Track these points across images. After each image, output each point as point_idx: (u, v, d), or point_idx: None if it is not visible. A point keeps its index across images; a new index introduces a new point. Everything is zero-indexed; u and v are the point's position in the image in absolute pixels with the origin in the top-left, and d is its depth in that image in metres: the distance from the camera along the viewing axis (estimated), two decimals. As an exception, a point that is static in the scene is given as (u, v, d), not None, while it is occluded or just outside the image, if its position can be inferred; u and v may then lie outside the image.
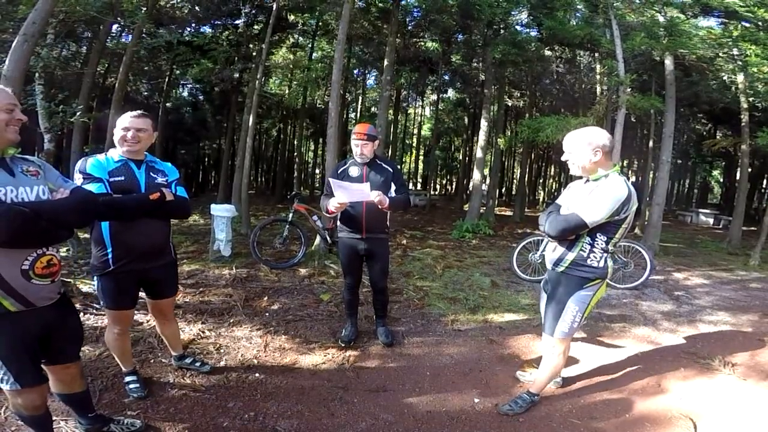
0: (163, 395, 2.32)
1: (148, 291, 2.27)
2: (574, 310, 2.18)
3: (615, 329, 3.76)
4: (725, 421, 2.33)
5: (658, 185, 8.43)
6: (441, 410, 2.37)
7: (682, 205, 21.86)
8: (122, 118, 2.08)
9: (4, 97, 1.44)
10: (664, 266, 6.61)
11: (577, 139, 2.09)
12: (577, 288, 2.16)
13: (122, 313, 2.16)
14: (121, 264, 2.03)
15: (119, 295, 2.10)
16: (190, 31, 11.28)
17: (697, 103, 13.15)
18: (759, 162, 14.61)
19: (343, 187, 2.68)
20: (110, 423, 1.96)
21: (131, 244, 2.04)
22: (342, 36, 5.83)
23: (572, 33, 7.91)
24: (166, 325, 2.47)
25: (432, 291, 4.53)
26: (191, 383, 2.46)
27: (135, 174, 2.06)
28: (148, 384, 2.38)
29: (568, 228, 2.05)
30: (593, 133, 2.08)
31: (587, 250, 2.12)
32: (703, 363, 3.06)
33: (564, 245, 2.16)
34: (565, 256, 2.16)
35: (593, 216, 1.99)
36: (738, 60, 8.48)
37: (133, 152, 2.07)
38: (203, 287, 4.15)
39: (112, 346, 2.26)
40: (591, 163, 2.07)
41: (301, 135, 17.15)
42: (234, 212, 5.49)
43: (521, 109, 16.21)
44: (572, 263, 2.14)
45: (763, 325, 4.03)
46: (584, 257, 2.12)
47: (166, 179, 2.17)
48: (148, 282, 2.21)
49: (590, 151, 2.05)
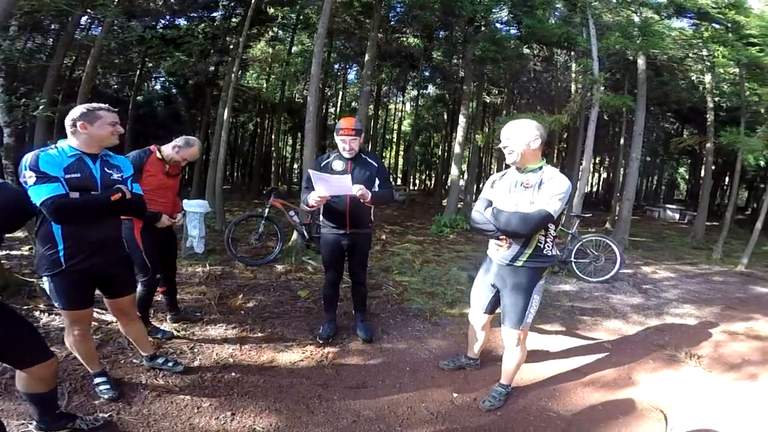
0: (136, 396, 2.25)
1: (104, 290, 2.16)
2: (536, 300, 2.25)
3: (587, 322, 3.88)
4: (693, 412, 2.43)
5: (628, 181, 8.74)
6: (421, 406, 2.39)
7: (651, 200, 22.70)
8: (103, 113, 1.95)
9: None
10: (634, 260, 6.86)
11: (517, 127, 2.11)
12: (538, 279, 2.22)
13: (80, 314, 2.05)
14: (73, 262, 1.92)
15: (74, 295, 1.98)
16: (165, 24, 10.86)
17: (666, 102, 13.69)
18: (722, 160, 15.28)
19: (324, 180, 2.63)
20: (75, 419, 1.92)
21: (83, 239, 1.92)
22: (322, 30, 5.74)
23: (550, 31, 8.06)
24: (130, 326, 2.36)
25: (411, 286, 4.56)
26: (165, 384, 2.39)
27: (91, 169, 1.94)
28: (119, 385, 2.30)
29: (540, 224, 2.05)
30: (532, 122, 2.14)
31: (543, 241, 2.17)
32: (670, 355, 3.19)
33: (521, 241, 2.16)
34: (523, 250, 2.17)
35: (556, 207, 2.03)
36: (706, 61, 8.84)
37: (96, 146, 1.97)
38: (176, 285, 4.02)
39: (75, 349, 2.16)
40: (531, 150, 2.10)
41: (278, 129, 16.87)
42: (207, 208, 5.35)
43: (499, 106, 16.44)
44: (531, 256, 2.17)
45: (725, 317, 4.24)
46: (541, 249, 2.17)
47: (122, 175, 2.07)
48: (103, 279, 2.10)
49: (531, 138, 2.08)
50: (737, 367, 3.08)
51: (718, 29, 7.76)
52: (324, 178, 2.63)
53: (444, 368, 2.80)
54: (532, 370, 2.83)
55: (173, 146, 2.83)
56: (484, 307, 2.47)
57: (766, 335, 3.74)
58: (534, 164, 2.14)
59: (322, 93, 14.63)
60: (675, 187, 28.78)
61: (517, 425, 2.26)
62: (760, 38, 6.80)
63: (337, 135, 2.81)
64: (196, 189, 11.33)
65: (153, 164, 2.75)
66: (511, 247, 2.19)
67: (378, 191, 2.81)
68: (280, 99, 14.27)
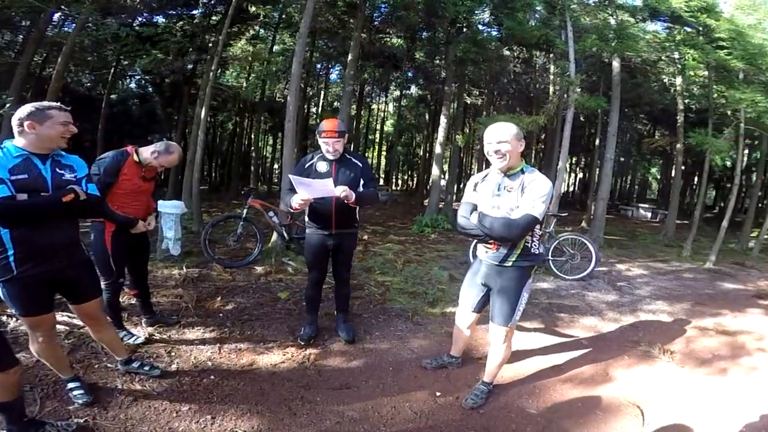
0: (112, 401, 2.19)
1: (66, 295, 2.07)
2: (525, 298, 2.30)
3: (565, 319, 3.97)
4: (668, 407, 2.50)
5: (603, 181, 8.98)
6: (405, 405, 2.40)
7: (625, 200, 23.41)
8: (54, 111, 1.85)
9: None
10: (608, 258, 7.06)
11: (510, 130, 2.10)
12: (527, 277, 2.27)
13: (39, 320, 1.95)
14: (25, 267, 1.81)
15: (29, 301, 1.88)
16: (142, 21, 10.54)
17: (639, 104, 14.15)
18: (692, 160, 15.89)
19: (305, 185, 2.59)
20: (44, 426, 1.85)
21: (35, 244, 1.82)
22: (304, 29, 5.69)
23: (530, 33, 8.21)
24: (102, 332, 2.28)
25: (393, 286, 4.56)
26: (142, 388, 2.33)
27: (40, 170, 1.83)
28: (94, 390, 2.23)
29: (527, 228, 2.08)
30: (514, 125, 2.15)
31: (530, 241, 2.22)
32: (644, 351, 3.29)
33: (508, 243, 2.19)
34: (512, 251, 2.20)
35: (541, 210, 2.07)
36: (678, 63, 9.17)
37: (45, 147, 1.86)
38: (151, 288, 3.87)
39: (42, 356, 2.06)
40: (517, 154, 2.14)
41: (258, 129, 16.63)
42: (183, 209, 5.21)
43: (479, 107, 16.64)
44: (519, 256, 2.21)
45: (695, 313, 4.40)
46: (529, 248, 2.22)
47: (75, 175, 1.96)
48: (62, 284, 2.00)
49: (520, 142, 2.12)
50: (708, 362, 3.19)
51: (690, 32, 8.05)
52: (306, 183, 2.59)
53: (427, 367, 2.81)
54: (513, 368, 2.87)
55: (152, 151, 2.71)
56: (474, 305, 2.49)
57: (734, 330, 3.90)
58: (517, 167, 2.18)
59: (304, 92, 14.49)
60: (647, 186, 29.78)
61: (499, 423, 2.29)
62: (728, 41, 7.07)
63: (320, 137, 2.76)
64: (173, 189, 11.05)
65: (130, 167, 2.64)
66: (500, 249, 2.22)
67: (362, 192, 2.79)
68: (260, 98, 14.07)
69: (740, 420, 2.39)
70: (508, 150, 2.09)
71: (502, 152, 2.10)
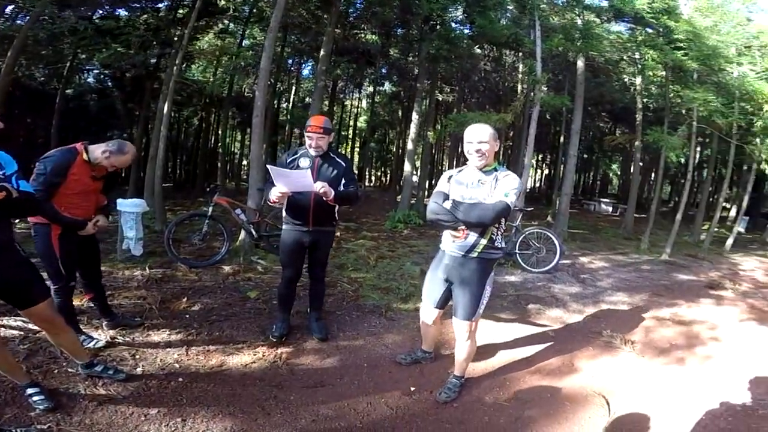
0: (76, 406, 2.09)
1: (9, 300, 1.95)
2: (488, 291, 2.36)
3: (532, 311, 4.10)
4: (632, 396, 2.62)
5: (566, 177, 9.32)
6: (380, 401, 2.41)
7: (588, 195, 24.38)
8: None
9: None
10: (572, 251, 7.34)
11: (490, 131, 2.23)
12: (490, 270, 2.34)
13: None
14: None
15: None
16: (103, 14, 9.93)
17: (601, 102, 14.75)
18: (649, 157, 16.75)
19: (283, 175, 2.56)
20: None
21: None
22: (275, 24, 5.56)
23: (500, 32, 8.33)
24: (59, 335, 2.15)
25: (366, 282, 4.57)
26: (106, 392, 2.24)
27: None
28: (55, 395, 2.12)
29: (500, 214, 2.16)
30: (491, 127, 2.28)
31: (495, 233, 2.29)
32: (607, 342, 3.43)
33: (477, 232, 2.26)
34: (478, 241, 2.26)
35: (513, 200, 2.17)
36: (638, 63, 9.59)
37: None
38: (111, 290, 3.71)
39: None
40: (493, 154, 2.27)
41: (226, 124, 16.13)
42: (144, 207, 4.99)
43: (450, 104, 16.86)
44: (485, 248, 2.27)
45: (653, 303, 4.64)
46: (494, 240, 2.29)
47: (3, 173, 1.83)
48: (1, 290, 1.89)
49: (496, 142, 2.25)
50: (666, 351, 3.37)
51: (651, 34, 8.40)
52: (284, 174, 2.56)
53: (401, 363, 2.84)
54: (483, 361, 2.94)
55: (104, 150, 2.52)
56: (436, 301, 2.51)
57: (689, 320, 4.14)
58: (492, 164, 2.28)
59: (274, 88, 14.17)
60: (608, 182, 31.11)
61: (473, 416, 2.34)
62: (685, 43, 7.43)
63: (306, 132, 2.79)
64: (134, 187, 10.57)
65: (79, 166, 2.45)
66: (468, 237, 2.26)
67: (342, 190, 2.78)
68: (228, 93, 13.67)
69: (701, 407, 2.52)
70: (487, 149, 2.21)
71: (482, 151, 2.21)
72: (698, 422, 2.38)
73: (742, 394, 2.71)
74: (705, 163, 14.66)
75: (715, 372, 3.05)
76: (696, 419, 2.41)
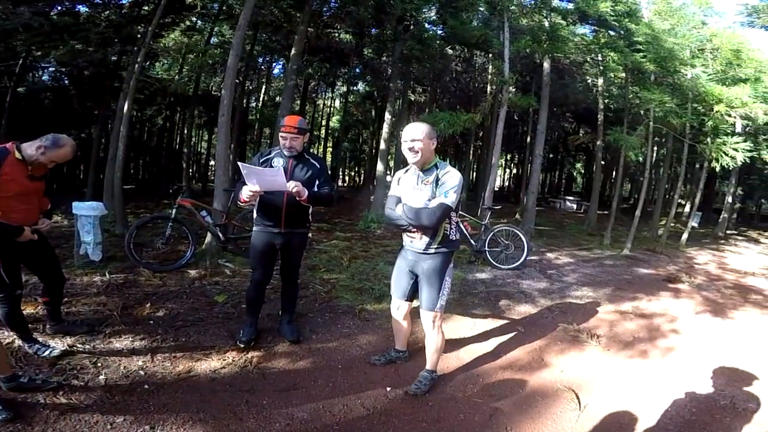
0: (36, 416, 2.00)
1: None
2: (448, 282, 2.47)
3: (502, 307, 4.20)
4: (600, 390, 2.71)
5: (533, 176, 9.62)
6: (356, 402, 2.40)
7: (554, 193, 25.16)
8: None
9: None
10: (539, 248, 7.56)
11: (423, 130, 2.32)
12: (448, 263, 2.45)
13: None
14: None
15: None
16: (61, 10, 9.34)
17: (566, 103, 15.28)
18: (610, 156, 17.47)
19: (255, 173, 2.50)
20: None
21: None
22: (243, 22, 5.43)
23: (471, 33, 8.47)
24: None
25: (339, 283, 4.54)
26: (68, 401, 2.14)
27: None
28: (12, 406, 2.00)
29: (443, 216, 2.30)
30: (427, 124, 2.38)
31: (448, 228, 2.43)
32: (574, 336, 3.55)
33: (430, 231, 2.38)
34: (434, 239, 2.39)
35: (453, 199, 2.29)
36: (600, 65, 9.98)
37: None
38: (68, 297, 3.52)
39: None
40: (430, 150, 2.34)
41: (192, 124, 15.60)
42: (102, 210, 4.73)
43: (423, 104, 17.01)
44: (441, 243, 2.40)
45: (616, 298, 4.84)
46: (448, 235, 2.43)
47: None
48: None
49: (432, 140, 2.35)
50: (630, 345, 3.51)
51: (613, 36, 8.78)
52: (256, 172, 2.50)
53: (376, 363, 2.84)
54: (456, 358, 2.99)
55: (38, 146, 2.36)
56: (405, 293, 2.60)
57: (650, 313, 4.34)
58: (431, 162, 2.39)
59: (243, 86, 13.84)
60: (573, 180, 32.27)
61: (449, 414, 2.36)
62: (644, 45, 7.77)
63: (280, 132, 2.76)
64: (93, 189, 10.04)
65: (11, 167, 2.29)
66: (423, 237, 2.40)
67: (316, 191, 2.75)
68: (194, 91, 13.23)
69: (666, 399, 2.63)
70: (420, 147, 2.30)
71: (415, 149, 2.31)
72: (665, 413, 2.48)
73: (704, 385, 2.85)
74: (661, 162, 15.42)
75: (677, 364, 3.20)
76: (662, 411, 2.51)
